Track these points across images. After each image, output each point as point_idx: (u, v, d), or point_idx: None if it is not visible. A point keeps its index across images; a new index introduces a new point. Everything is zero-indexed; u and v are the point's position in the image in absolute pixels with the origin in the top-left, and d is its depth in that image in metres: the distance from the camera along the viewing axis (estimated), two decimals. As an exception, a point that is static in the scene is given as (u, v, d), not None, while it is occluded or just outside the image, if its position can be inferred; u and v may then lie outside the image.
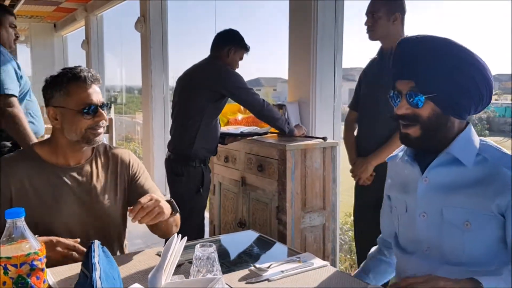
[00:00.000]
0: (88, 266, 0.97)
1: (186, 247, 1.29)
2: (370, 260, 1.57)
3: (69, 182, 1.58)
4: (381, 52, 2.37)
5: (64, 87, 1.53)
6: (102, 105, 1.56)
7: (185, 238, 1.16)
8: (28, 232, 0.94)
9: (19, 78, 2.59)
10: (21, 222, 0.94)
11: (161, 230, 1.58)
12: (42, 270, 0.94)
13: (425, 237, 1.31)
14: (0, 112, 2.44)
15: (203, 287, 0.95)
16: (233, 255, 1.52)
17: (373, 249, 1.62)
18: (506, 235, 1.21)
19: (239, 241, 1.74)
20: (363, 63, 2.57)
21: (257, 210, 3.02)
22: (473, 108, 1.25)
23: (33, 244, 0.93)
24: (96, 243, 1.03)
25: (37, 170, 1.55)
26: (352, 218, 4.82)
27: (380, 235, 1.60)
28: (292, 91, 3.22)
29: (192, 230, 2.52)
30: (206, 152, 2.73)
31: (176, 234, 1.14)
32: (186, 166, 2.69)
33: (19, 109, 2.50)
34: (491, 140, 1.30)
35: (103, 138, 1.59)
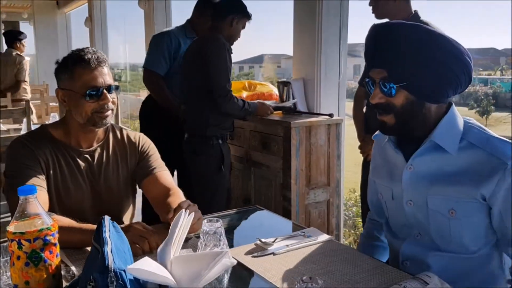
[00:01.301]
0: (99, 241, 0.99)
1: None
2: (363, 246, 1.57)
3: (82, 164, 1.60)
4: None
5: (69, 69, 1.52)
6: (109, 87, 1.53)
7: (193, 213, 1.19)
8: (41, 208, 0.97)
9: None
10: (34, 199, 0.96)
11: None
12: (55, 245, 0.97)
13: (414, 223, 1.32)
14: None
15: (211, 260, 0.98)
16: (239, 230, 1.55)
17: (364, 231, 1.62)
18: (492, 223, 1.21)
19: (244, 216, 1.77)
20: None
21: (261, 187, 3.05)
22: (451, 91, 1.22)
23: (46, 220, 0.96)
24: (107, 218, 1.06)
25: (55, 151, 1.57)
26: (355, 194, 4.87)
27: (369, 214, 1.60)
28: (297, 68, 3.21)
29: (219, 208, 2.38)
30: (222, 130, 2.64)
31: (183, 210, 1.17)
32: (205, 145, 2.61)
33: None
34: (497, 116, 1.29)
35: (111, 120, 1.58)
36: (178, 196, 1.59)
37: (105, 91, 1.52)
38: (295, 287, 0.91)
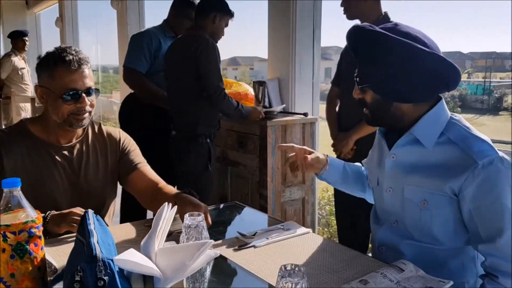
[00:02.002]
0: (83, 233, 1.00)
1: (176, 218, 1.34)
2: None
3: (60, 160, 1.59)
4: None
5: (50, 68, 1.50)
6: (88, 90, 1.52)
7: (175, 207, 1.21)
8: (25, 201, 0.97)
9: None
10: (18, 192, 0.97)
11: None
12: (40, 237, 0.97)
13: (392, 211, 1.38)
14: None
15: (195, 250, 1.00)
16: (219, 225, 1.57)
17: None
18: (464, 219, 1.25)
19: (224, 212, 1.80)
20: (339, 42, 2.61)
21: (237, 185, 3.08)
22: (421, 93, 1.26)
23: (30, 213, 0.96)
24: (90, 212, 1.07)
25: (29, 146, 1.56)
26: (328, 193, 4.95)
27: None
28: (272, 68, 3.25)
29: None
30: (211, 128, 2.66)
31: (166, 203, 1.18)
32: (193, 144, 2.62)
33: None
34: (464, 117, 1.34)
35: (87, 122, 1.57)
36: (169, 187, 1.61)
37: (83, 94, 1.50)
38: (278, 275, 0.94)
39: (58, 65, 1.49)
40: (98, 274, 0.84)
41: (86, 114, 1.54)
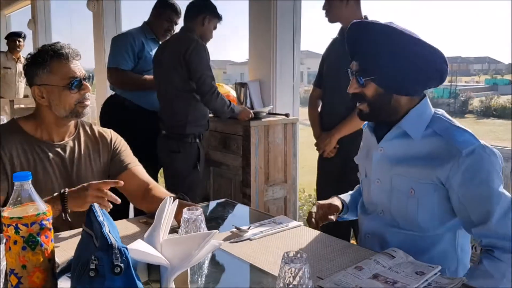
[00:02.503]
0: (91, 226, 1.03)
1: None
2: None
3: (53, 157, 1.60)
4: (342, 32, 2.50)
5: (47, 64, 1.54)
6: (85, 78, 1.59)
7: (177, 200, 1.24)
8: (35, 195, 0.99)
9: None
10: (28, 185, 0.98)
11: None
12: (50, 229, 0.99)
13: (379, 201, 1.45)
14: None
15: (201, 240, 1.04)
16: (212, 221, 1.61)
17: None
18: (453, 207, 1.32)
19: (215, 208, 1.83)
20: (310, 47, 2.69)
21: (220, 185, 3.12)
22: (420, 86, 1.35)
23: (41, 206, 0.98)
24: (96, 205, 1.09)
25: (21, 144, 1.57)
26: (305, 194, 5.03)
27: None
28: (253, 70, 3.31)
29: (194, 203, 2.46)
30: (200, 128, 2.71)
31: (168, 197, 1.22)
32: (182, 143, 2.66)
33: None
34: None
35: (89, 111, 1.62)
36: (160, 188, 1.65)
37: (83, 81, 1.57)
38: (282, 261, 0.99)
39: (54, 59, 1.54)
40: (114, 261, 0.87)
41: (88, 101, 1.61)
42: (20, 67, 6.03)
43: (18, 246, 0.95)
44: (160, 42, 3.02)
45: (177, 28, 2.97)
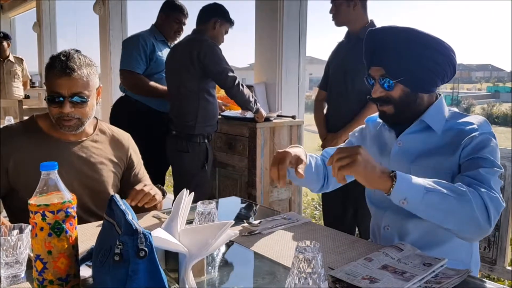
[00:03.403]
0: (112, 215, 1.07)
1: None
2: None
3: (69, 156, 1.64)
4: (348, 35, 2.55)
5: (46, 70, 1.58)
6: (75, 96, 1.53)
7: (193, 193, 1.28)
8: (61, 184, 1.04)
9: None
10: (55, 175, 1.03)
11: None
12: (74, 217, 1.04)
13: None
14: None
15: (217, 229, 1.08)
16: (223, 215, 1.65)
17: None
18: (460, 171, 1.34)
19: (226, 205, 1.88)
20: (310, 52, 2.77)
21: (226, 186, 3.16)
22: (440, 82, 1.43)
23: (66, 194, 1.03)
24: (117, 195, 1.13)
25: (38, 142, 1.61)
26: (307, 197, 5.06)
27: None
28: (259, 73, 3.36)
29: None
30: (209, 129, 2.78)
31: (185, 189, 1.26)
32: (191, 143, 2.73)
33: None
34: None
35: (80, 128, 1.61)
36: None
37: (67, 100, 1.53)
38: (296, 251, 1.03)
39: (49, 69, 1.55)
40: (139, 245, 0.91)
41: (74, 121, 1.57)
42: (9, 66, 6.03)
43: (44, 233, 0.99)
44: (170, 44, 3.09)
45: (187, 30, 3.04)
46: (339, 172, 1.22)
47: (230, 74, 2.69)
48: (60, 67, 1.51)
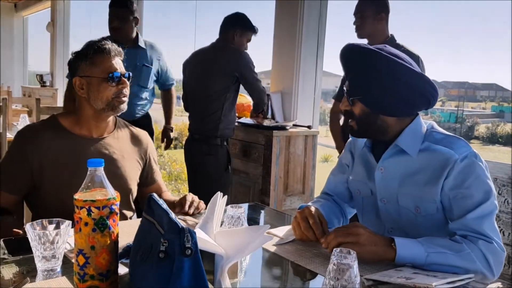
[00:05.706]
0: (152, 214, 1.09)
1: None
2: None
3: (92, 153, 1.66)
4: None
5: (89, 57, 1.63)
6: (125, 75, 1.67)
7: (226, 196, 1.31)
8: (106, 181, 1.06)
9: None
10: (101, 171, 1.06)
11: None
12: (117, 214, 1.06)
13: (388, 219, 1.49)
14: None
15: (254, 232, 1.10)
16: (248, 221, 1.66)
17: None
18: (443, 206, 1.36)
19: (248, 211, 1.89)
20: (328, 67, 2.85)
21: (239, 193, 3.18)
22: (406, 108, 1.40)
23: (110, 191, 1.05)
24: (155, 195, 1.15)
25: (60, 140, 1.63)
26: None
27: (323, 190, 1.72)
28: (275, 82, 3.39)
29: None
30: (228, 132, 2.84)
31: (219, 192, 1.28)
32: (214, 146, 2.79)
33: None
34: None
35: (126, 107, 1.69)
36: (167, 192, 1.87)
37: (123, 77, 1.65)
38: (333, 256, 1.04)
39: (98, 53, 1.63)
40: (186, 244, 0.93)
41: (125, 98, 1.67)
42: None
43: (89, 228, 1.01)
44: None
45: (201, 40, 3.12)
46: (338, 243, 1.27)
47: (261, 86, 2.81)
48: (114, 49, 1.65)
